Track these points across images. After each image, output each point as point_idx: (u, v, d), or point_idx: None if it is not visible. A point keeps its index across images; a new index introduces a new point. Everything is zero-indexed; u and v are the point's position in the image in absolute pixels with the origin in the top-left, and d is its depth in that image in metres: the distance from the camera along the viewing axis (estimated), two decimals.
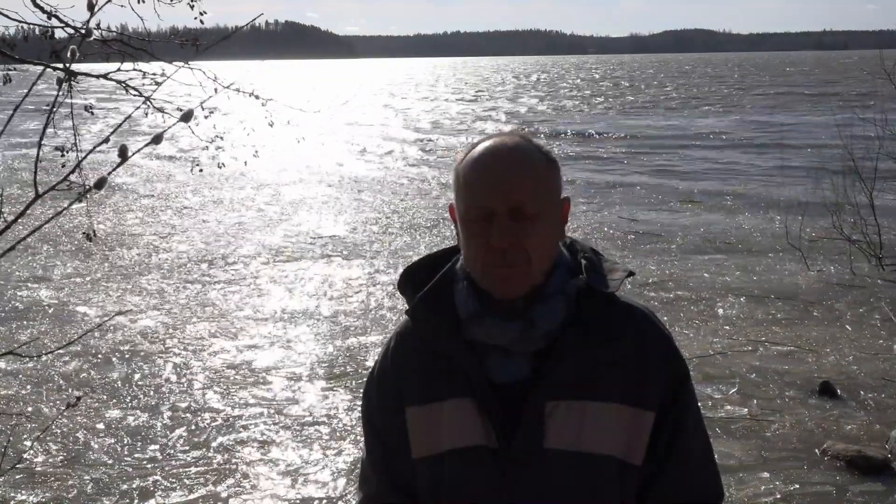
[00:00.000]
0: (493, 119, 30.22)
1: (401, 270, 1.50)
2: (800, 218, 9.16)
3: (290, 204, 13.45)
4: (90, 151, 1.77)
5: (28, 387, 5.81)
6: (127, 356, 6.42)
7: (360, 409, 1.59)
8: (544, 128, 25.56)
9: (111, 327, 6.96)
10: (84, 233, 4.66)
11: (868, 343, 6.45)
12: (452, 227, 1.43)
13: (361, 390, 1.57)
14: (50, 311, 7.56)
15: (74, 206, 1.66)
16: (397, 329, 1.51)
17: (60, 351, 6.16)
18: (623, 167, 17.40)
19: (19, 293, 8.14)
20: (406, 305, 1.45)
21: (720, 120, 27.26)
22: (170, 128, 1.53)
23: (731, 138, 21.90)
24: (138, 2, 4.10)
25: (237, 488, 4.44)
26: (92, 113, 4.85)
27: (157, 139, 1.41)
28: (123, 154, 1.34)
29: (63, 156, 4.26)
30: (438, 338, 1.40)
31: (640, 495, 1.37)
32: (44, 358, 6.08)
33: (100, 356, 6.40)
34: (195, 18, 4.68)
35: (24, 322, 7.26)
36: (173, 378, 6.00)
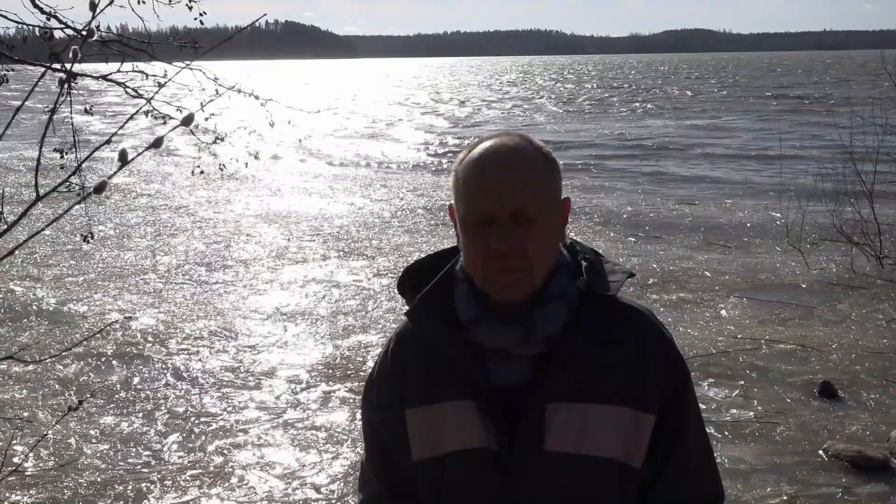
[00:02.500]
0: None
1: (400, 271, 1.49)
2: (800, 218, 9.15)
3: (288, 204, 13.43)
4: (91, 153, 1.76)
5: (24, 390, 5.76)
6: (124, 358, 6.38)
7: (358, 411, 1.59)
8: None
9: (109, 328, 6.93)
10: (82, 235, 4.66)
11: (871, 343, 6.44)
12: (452, 228, 1.42)
13: (360, 392, 1.56)
14: (49, 313, 7.53)
15: (70, 206, 1.65)
16: (397, 330, 1.51)
17: (54, 353, 6.13)
18: (620, 168, 17.38)
19: (17, 294, 8.13)
20: (406, 306, 1.44)
21: (721, 120, 27.24)
22: (170, 132, 1.52)
23: (731, 138, 21.89)
24: (138, 2, 4.09)
25: (233, 492, 4.40)
26: (91, 114, 4.83)
27: (157, 143, 1.39)
28: (123, 158, 1.33)
29: (63, 157, 4.26)
30: (439, 339, 1.39)
31: (641, 497, 1.37)
32: (42, 361, 6.05)
33: (96, 358, 6.36)
34: (195, 19, 4.68)
35: (23, 324, 7.24)
36: (170, 380, 5.97)
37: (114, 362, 6.30)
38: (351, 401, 5.50)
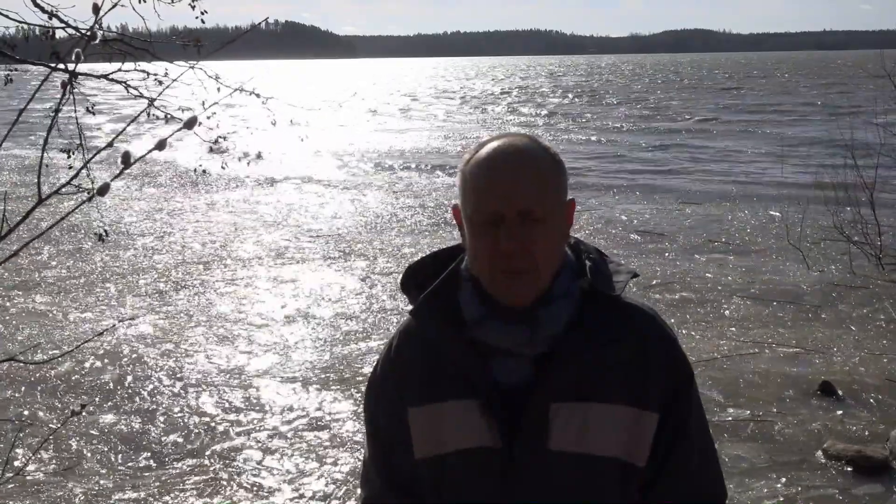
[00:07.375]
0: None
1: (401, 271, 1.49)
2: (800, 218, 9.15)
3: (288, 205, 13.41)
4: (93, 156, 1.76)
5: (25, 392, 5.74)
6: (122, 361, 6.34)
7: (358, 415, 1.59)
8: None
9: (107, 331, 6.90)
10: (96, 233, 4.69)
11: (872, 344, 6.44)
12: (455, 228, 1.42)
13: (360, 395, 1.56)
14: (47, 315, 7.51)
15: (71, 207, 1.65)
16: (400, 328, 1.50)
17: (56, 355, 6.10)
18: (621, 167, 17.39)
19: (16, 296, 8.11)
20: (408, 305, 1.44)
21: (725, 120, 27.25)
22: (173, 134, 1.52)
23: (731, 139, 21.89)
24: (139, 1, 4.09)
25: (233, 498, 4.37)
26: (93, 114, 4.83)
27: (160, 145, 1.39)
28: (126, 161, 1.33)
29: (70, 157, 4.27)
30: (442, 338, 1.39)
31: (643, 496, 1.37)
32: (41, 363, 6.03)
33: (95, 361, 6.32)
34: (196, 17, 4.68)
35: (22, 326, 7.21)
36: (169, 383, 5.93)
37: (114, 365, 6.27)
38: (351, 404, 5.43)
